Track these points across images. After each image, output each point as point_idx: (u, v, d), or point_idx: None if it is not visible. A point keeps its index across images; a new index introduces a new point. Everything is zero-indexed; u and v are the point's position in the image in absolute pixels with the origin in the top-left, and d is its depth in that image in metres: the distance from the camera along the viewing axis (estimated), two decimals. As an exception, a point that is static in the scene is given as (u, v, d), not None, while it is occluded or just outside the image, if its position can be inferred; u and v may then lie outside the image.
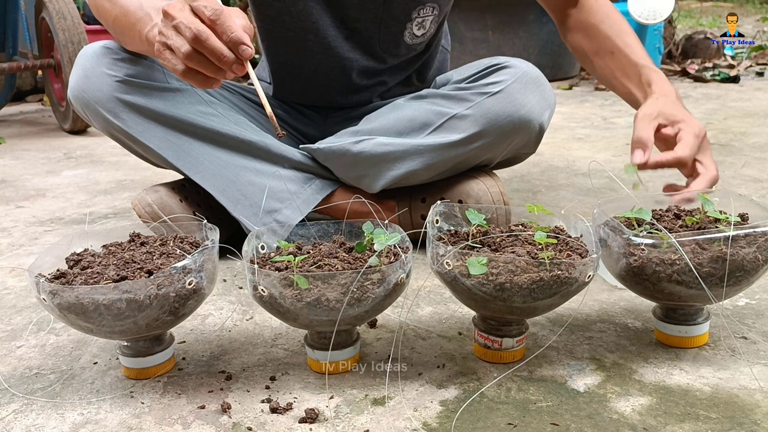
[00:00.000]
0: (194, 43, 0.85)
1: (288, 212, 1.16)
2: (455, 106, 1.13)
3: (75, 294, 0.70)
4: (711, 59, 3.68)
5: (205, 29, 0.84)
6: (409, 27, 1.22)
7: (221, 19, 0.84)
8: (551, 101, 1.15)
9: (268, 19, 1.23)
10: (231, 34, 0.84)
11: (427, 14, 1.22)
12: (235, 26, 0.85)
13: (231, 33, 0.84)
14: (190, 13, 0.86)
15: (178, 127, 1.14)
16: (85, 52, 1.14)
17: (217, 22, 0.85)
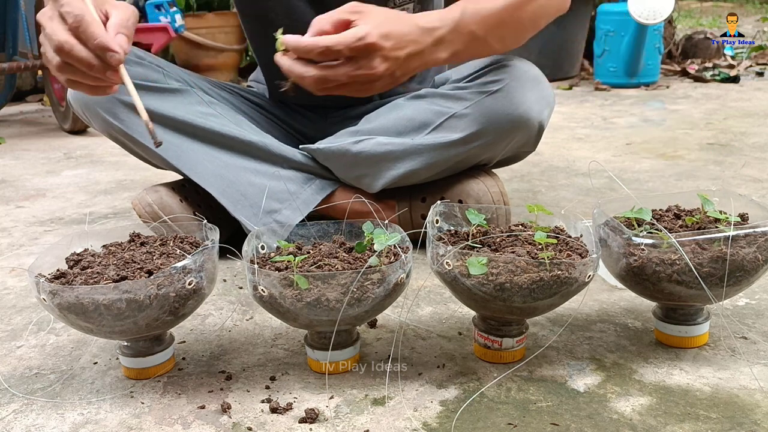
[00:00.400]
0: (60, 54, 0.80)
1: (288, 212, 1.16)
2: (454, 106, 1.13)
3: (75, 294, 0.70)
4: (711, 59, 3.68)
5: (68, 39, 0.79)
6: None
7: (82, 26, 0.78)
8: (550, 99, 1.15)
9: (252, 19, 1.23)
10: (94, 41, 0.78)
11: (405, 2, 1.20)
12: (98, 32, 0.79)
13: (94, 40, 0.78)
14: (58, 20, 0.81)
15: (177, 128, 1.14)
16: None
17: (80, 30, 0.79)
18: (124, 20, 0.83)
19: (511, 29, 1.01)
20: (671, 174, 1.66)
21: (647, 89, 3.06)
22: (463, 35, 0.93)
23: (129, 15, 0.85)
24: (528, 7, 1.00)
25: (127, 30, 0.82)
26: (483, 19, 0.95)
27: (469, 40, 0.94)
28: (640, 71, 3.08)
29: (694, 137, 2.06)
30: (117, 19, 0.82)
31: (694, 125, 2.23)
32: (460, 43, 0.93)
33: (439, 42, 0.90)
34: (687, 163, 1.75)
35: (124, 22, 0.83)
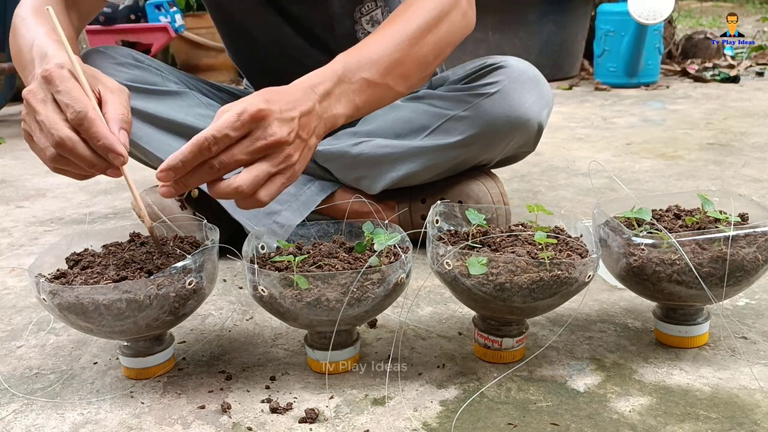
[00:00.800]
0: (59, 149, 0.73)
1: (288, 214, 1.16)
2: (453, 108, 1.13)
3: (75, 294, 0.70)
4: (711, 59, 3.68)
5: (70, 136, 0.72)
6: (358, 28, 1.21)
7: (86, 124, 0.72)
8: (549, 99, 1.15)
9: (232, 35, 1.25)
10: (98, 143, 0.72)
11: (372, 9, 1.20)
12: (102, 132, 0.72)
13: (98, 141, 0.72)
14: (53, 108, 0.73)
15: (176, 131, 1.14)
16: (84, 58, 1.13)
17: (82, 128, 0.72)
18: (123, 112, 0.77)
19: (413, 67, 0.92)
20: (671, 174, 1.66)
21: (647, 89, 3.06)
22: (354, 84, 0.84)
23: (126, 101, 0.79)
24: (427, 41, 0.92)
25: (127, 125, 0.77)
26: (374, 64, 0.86)
27: (365, 87, 0.85)
28: (640, 71, 3.08)
29: (694, 137, 2.06)
30: (116, 112, 0.76)
31: (694, 125, 2.23)
32: (355, 93, 0.84)
33: (326, 97, 0.81)
34: (687, 163, 1.75)
35: (123, 114, 0.77)
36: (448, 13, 0.94)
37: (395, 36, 0.89)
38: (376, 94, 0.87)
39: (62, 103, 0.73)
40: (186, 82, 1.22)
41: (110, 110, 0.76)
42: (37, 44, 0.86)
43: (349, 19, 1.20)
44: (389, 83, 0.88)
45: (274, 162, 0.75)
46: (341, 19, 1.19)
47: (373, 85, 0.85)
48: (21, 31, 0.93)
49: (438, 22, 0.92)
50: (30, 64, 0.86)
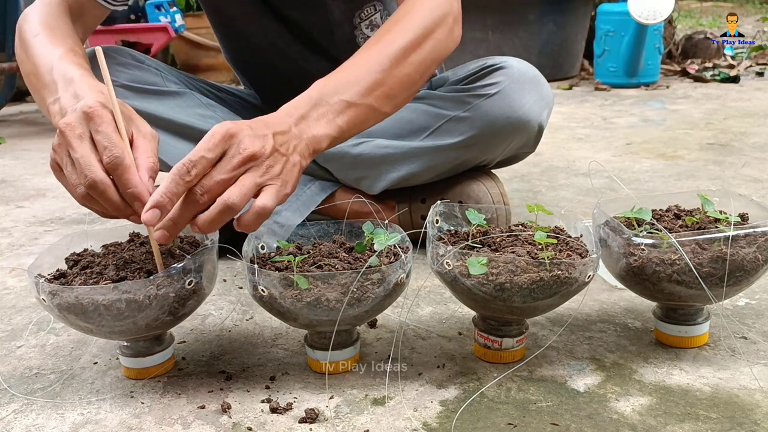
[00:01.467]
0: (90, 190, 0.73)
1: (288, 214, 1.16)
2: (453, 109, 1.13)
3: (75, 294, 0.70)
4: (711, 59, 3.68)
5: (103, 180, 0.72)
6: (358, 33, 1.21)
7: (120, 171, 0.73)
8: (549, 99, 1.15)
9: (231, 39, 1.25)
10: (128, 190, 0.73)
11: (372, 14, 1.20)
12: (134, 180, 0.73)
13: (128, 189, 0.73)
14: (90, 147, 0.73)
15: (177, 131, 1.14)
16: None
17: (116, 173, 0.73)
18: (154, 161, 0.76)
19: (397, 87, 0.88)
20: (671, 174, 1.66)
21: (647, 89, 3.06)
22: (333, 106, 0.82)
23: (156, 149, 0.79)
24: (410, 61, 0.89)
25: (155, 173, 0.76)
26: (353, 85, 0.84)
27: (345, 108, 0.83)
28: (640, 71, 3.08)
29: (694, 137, 2.06)
30: (147, 161, 0.76)
31: (694, 125, 2.23)
32: (335, 114, 0.82)
33: (301, 119, 0.79)
34: (687, 163, 1.75)
35: (154, 164, 0.76)
36: (434, 30, 0.92)
37: (376, 57, 0.87)
38: (359, 115, 0.84)
39: (100, 144, 0.73)
40: (186, 83, 1.22)
41: (141, 158, 0.76)
42: (58, 68, 0.86)
43: (348, 24, 1.20)
44: (372, 103, 0.85)
45: (257, 173, 0.73)
46: (340, 24, 1.19)
47: (354, 106, 0.83)
48: (36, 49, 0.92)
49: (422, 40, 0.90)
50: (51, 85, 0.85)
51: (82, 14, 1.04)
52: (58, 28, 0.96)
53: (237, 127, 0.73)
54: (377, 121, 0.89)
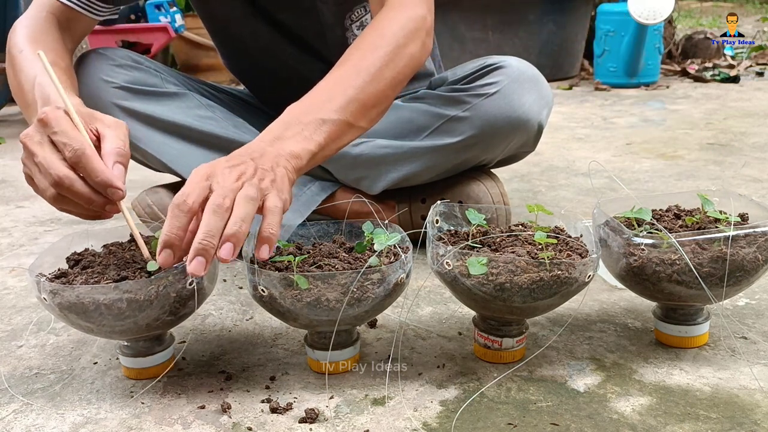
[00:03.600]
0: (57, 188, 0.74)
1: (288, 214, 1.16)
2: (452, 109, 1.13)
3: (75, 294, 0.70)
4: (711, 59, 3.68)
5: (68, 174, 0.73)
6: (349, 35, 1.21)
7: (83, 162, 0.73)
8: (549, 99, 1.15)
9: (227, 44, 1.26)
10: (96, 179, 0.74)
11: (362, 15, 1.20)
12: (99, 168, 0.74)
13: (96, 177, 0.74)
14: (50, 149, 0.75)
15: (176, 132, 1.15)
16: (83, 59, 1.14)
17: (79, 165, 0.74)
18: (120, 146, 0.78)
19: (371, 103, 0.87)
20: (671, 174, 1.66)
21: (647, 89, 3.06)
22: (308, 125, 0.81)
23: (123, 135, 0.80)
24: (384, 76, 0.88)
25: (124, 159, 0.78)
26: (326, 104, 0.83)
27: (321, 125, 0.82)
28: (640, 71, 3.08)
29: (694, 137, 2.06)
30: (113, 146, 0.77)
31: (694, 125, 2.23)
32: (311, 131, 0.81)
33: (276, 140, 0.79)
34: (687, 163, 1.75)
35: (120, 148, 0.77)
36: (406, 45, 0.91)
37: (349, 74, 0.87)
38: (335, 131, 0.83)
39: (59, 143, 0.74)
40: (185, 84, 1.22)
41: (107, 145, 0.77)
42: (38, 83, 0.88)
43: (339, 26, 1.20)
44: (347, 119, 0.84)
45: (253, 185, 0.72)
46: (332, 27, 1.19)
47: (330, 122, 0.83)
48: (21, 65, 0.93)
49: (395, 56, 0.89)
50: (33, 104, 0.87)
51: (69, 26, 1.05)
52: (42, 42, 0.97)
53: (211, 167, 0.73)
54: (354, 136, 0.88)
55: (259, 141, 0.79)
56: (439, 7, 1.14)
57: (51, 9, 1.03)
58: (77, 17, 1.05)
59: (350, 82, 0.86)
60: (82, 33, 1.09)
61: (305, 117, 0.82)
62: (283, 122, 0.81)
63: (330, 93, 0.85)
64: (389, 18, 0.92)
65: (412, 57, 0.92)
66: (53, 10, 1.03)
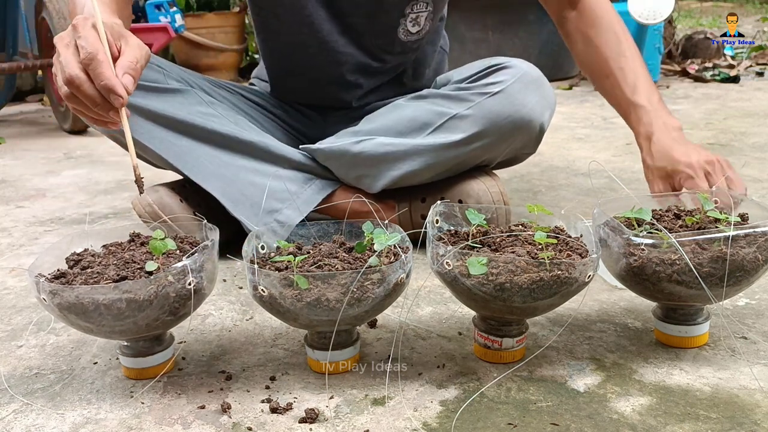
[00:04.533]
0: (69, 86, 0.81)
1: (288, 212, 1.16)
2: (455, 106, 1.13)
3: (75, 294, 0.70)
4: (711, 59, 3.67)
5: (78, 74, 0.80)
6: (402, 23, 1.20)
7: (93, 65, 0.79)
8: (552, 101, 1.15)
9: (262, 12, 1.23)
10: (101, 82, 0.79)
11: (421, 10, 1.20)
12: (106, 73, 0.79)
13: (101, 81, 0.79)
14: (72, 51, 0.81)
15: (178, 129, 1.14)
16: None
17: (90, 67, 0.80)
18: (134, 61, 0.83)
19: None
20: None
21: (647, 89, 3.05)
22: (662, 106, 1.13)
23: (141, 55, 0.85)
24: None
25: (135, 72, 0.83)
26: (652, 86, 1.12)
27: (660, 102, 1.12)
28: (640, 71, 3.07)
29: (694, 137, 2.06)
30: (127, 60, 0.83)
31: (694, 125, 2.23)
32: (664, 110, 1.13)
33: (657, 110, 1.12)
34: (687, 163, 1.75)
35: (133, 63, 0.83)
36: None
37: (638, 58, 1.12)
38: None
39: (79, 46, 0.81)
40: (188, 80, 1.22)
41: (122, 59, 0.83)
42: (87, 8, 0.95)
43: (397, 12, 1.18)
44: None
45: None
46: (389, 11, 1.18)
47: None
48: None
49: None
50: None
51: None
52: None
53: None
54: None
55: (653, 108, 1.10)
56: (439, 7, 1.14)
57: None
58: None
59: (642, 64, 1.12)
60: None
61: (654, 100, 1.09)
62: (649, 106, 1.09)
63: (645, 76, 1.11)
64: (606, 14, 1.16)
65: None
66: None
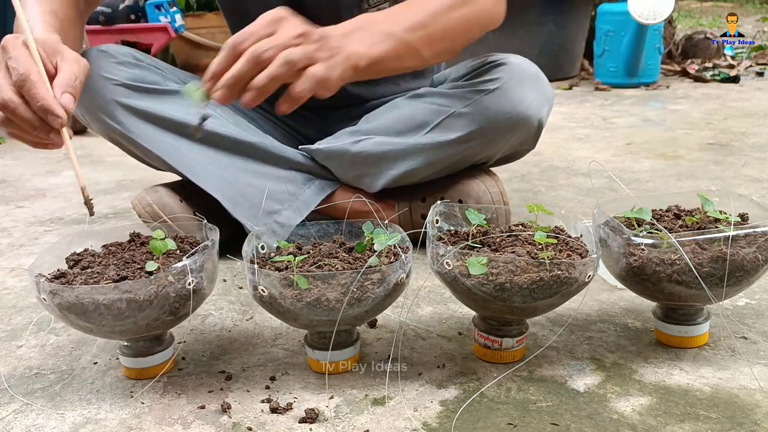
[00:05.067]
0: (4, 111, 0.78)
1: (288, 213, 1.16)
2: (453, 104, 1.13)
3: (75, 294, 0.70)
4: (711, 59, 3.67)
5: (12, 98, 0.77)
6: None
7: (27, 86, 0.76)
8: (549, 96, 1.15)
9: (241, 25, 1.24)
10: (37, 104, 0.76)
11: (381, 1, 1.18)
12: (41, 93, 0.76)
13: (37, 103, 0.76)
14: (3, 74, 0.78)
15: (177, 130, 1.14)
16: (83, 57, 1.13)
17: (24, 89, 0.76)
18: (71, 78, 0.80)
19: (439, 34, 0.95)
20: (671, 174, 1.66)
21: (647, 89, 3.06)
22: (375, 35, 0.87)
23: (78, 70, 0.82)
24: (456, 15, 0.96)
25: (74, 89, 0.80)
26: (397, 22, 0.90)
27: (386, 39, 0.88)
28: (640, 71, 3.08)
29: (694, 137, 2.06)
30: (64, 77, 0.80)
31: (694, 125, 2.23)
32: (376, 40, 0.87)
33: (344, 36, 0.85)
34: (687, 163, 1.75)
35: (71, 80, 0.80)
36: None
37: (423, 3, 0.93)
38: (399, 49, 0.89)
39: (10, 67, 0.78)
40: (186, 82, 1.22)
41: (59, 77, 0.80)
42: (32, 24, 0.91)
43: (357, 9, 1.19)
44: (412, 42, 0.90)
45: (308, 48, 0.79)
46: (349, 9, 1.18)
47: (396, 39, 0.88)
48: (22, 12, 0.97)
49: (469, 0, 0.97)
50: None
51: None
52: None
53: (286, 12, 0.80)
54: (415, 64, 0.95)
55: (330, 29, 0.84)
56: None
57: None
58: None
59: (424, 9, 0.92)
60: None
61: (375, 27, 0.88)
62: (355, 23, 0.87)
63: (405, 13, 0.91)
64: None
65: (485, 8, 0.99)
66: None
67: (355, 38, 0.85)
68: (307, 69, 0.79)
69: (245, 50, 0.77)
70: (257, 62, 0.77)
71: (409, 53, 0.92)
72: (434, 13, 0.92)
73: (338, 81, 0.83)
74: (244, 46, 0.77)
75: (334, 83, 0.82)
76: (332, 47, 0.82)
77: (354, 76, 0.85)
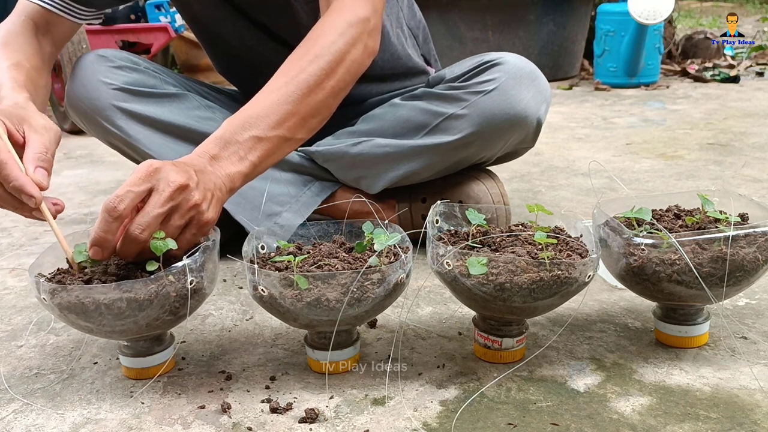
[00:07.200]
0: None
1: (288, 215, 1.16)
2: (451, 106, 1.13)
3: (75, 293, 0.70)
4: (711, 59, 3.68)
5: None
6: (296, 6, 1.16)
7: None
8: (547, 94, 1.15)
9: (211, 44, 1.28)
10: (9, 185, 0.76)
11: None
12: (13, 174, 0.75)
13: (9, 183, 0.76)
14: None
15: (176, 133, 1.15)
16: (81, 61, 1.14)
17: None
18: (42, 151, 0.80)
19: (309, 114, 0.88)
20: (671, 174, 1.66)
21: (647, 89, 3.06)
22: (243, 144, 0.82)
23: (49, 140, 0.82)
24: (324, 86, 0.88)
25: (46, 163, 0.79)
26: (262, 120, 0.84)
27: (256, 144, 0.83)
28: (640, 71, 3.08)
29: (694, 137, 2.06)
30: (35, 151, 0.79)
31: (694, 125, 2.23)
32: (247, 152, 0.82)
33: (214, 159, 0.80)
34: (687, 163, 1.75)
35: (42, 153, 0.80)
36: (348, 52, 0.90)
37: (287, 87, 0.86)
38: (271, 148, 0.84)
39: None
40: (184, 85, 1.22)
41: (29, 151, 0.79)
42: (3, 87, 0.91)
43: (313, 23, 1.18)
44: (283, 134, 0.85)
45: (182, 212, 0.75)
46: (306, 25, 1.18)
47: (265, 140, 0.83)
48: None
49: (336, 66, 0.88)
50: None
51: (49, 29, 1.06)
52: (12, 44, 1.00)
53: (160, 163, 0.75)
54: (292, 148, 0.89)
55: (200, 156, 0.80)
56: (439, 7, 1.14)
57: (30, 13, 1.04)
58: (57, 20, 1.06)
59: (287, 95, 0.86)
60: (64, 36, 1.10)
61: (241, 134, 0.83)
62: (220, 140, 0.82)
63: (268, 107, 0.85)
64: (330, 24, 0.91)
65: (354, 62, 0.91)
66: (32, 14, 1.04)
67: (224, 159, 0.81)
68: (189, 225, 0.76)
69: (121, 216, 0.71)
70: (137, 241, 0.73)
71: (283, 145, 0.86)
72: (301, 96, 0.86)
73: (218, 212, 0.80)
74: (120, 209, 0.71)
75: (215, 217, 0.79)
76: (208, 187, 0.77)
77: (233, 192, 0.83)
